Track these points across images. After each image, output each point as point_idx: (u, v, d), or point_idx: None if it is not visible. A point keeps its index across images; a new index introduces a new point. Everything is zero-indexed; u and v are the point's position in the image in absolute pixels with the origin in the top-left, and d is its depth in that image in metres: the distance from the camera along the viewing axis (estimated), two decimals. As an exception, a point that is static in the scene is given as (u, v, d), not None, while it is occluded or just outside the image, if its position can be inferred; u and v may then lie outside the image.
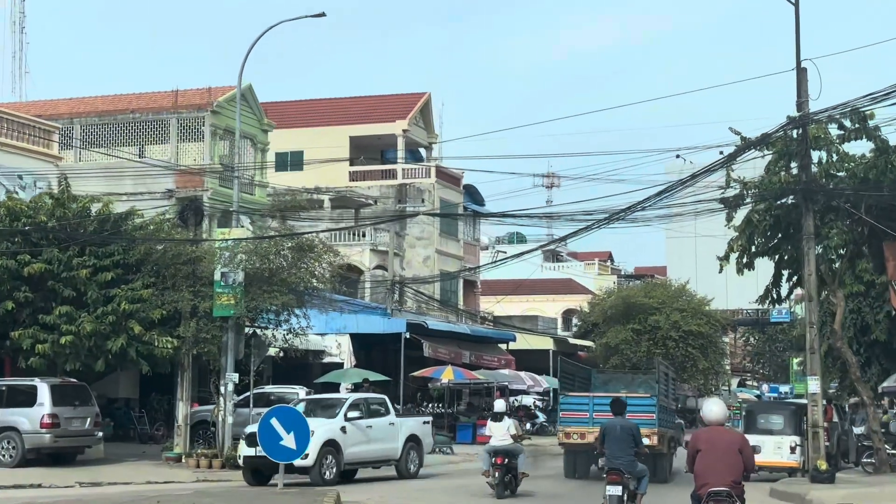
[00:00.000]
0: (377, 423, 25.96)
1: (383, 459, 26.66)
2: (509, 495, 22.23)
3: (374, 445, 25.72)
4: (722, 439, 11.85)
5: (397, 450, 26.51)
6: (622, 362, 57.30)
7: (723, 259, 30.45)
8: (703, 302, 59.90)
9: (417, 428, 27.62)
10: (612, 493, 16.30)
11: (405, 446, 26.72)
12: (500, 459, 22.03)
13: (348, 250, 55.23)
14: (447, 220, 62.14)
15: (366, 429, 25.30)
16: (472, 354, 48.33)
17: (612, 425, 16.99)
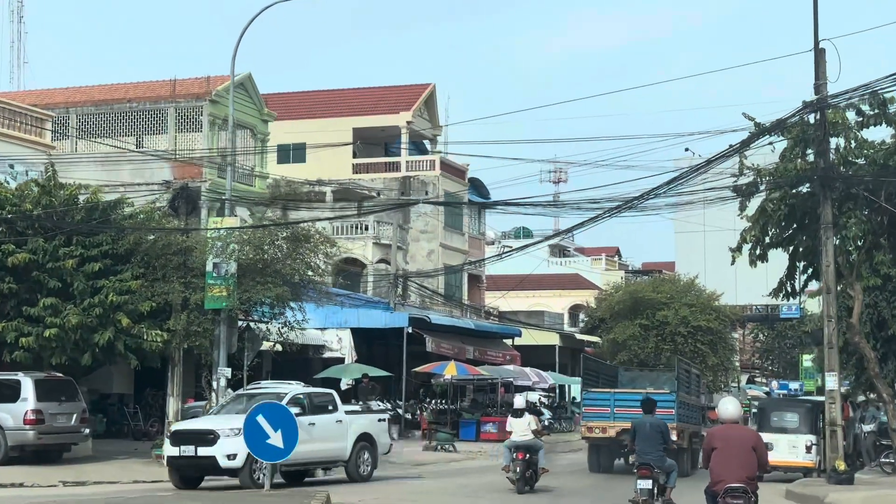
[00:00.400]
0: (322, 420, 23.34)
1: (328, 460, 24.29)
2: (528, 490, 22.38)
3: (318, 445, 23.03)
4: (736, 437, 12.03)
5: (346, 450, 23.98)
6: (630, 358, 55.99)
7: (735, 250, 29.18)
8: (713, 297, 58.58)
9: (370, 426, 25.10)
10: (643, 486, 17.29)
11: (355, 446, 24.20)
12: (521, 455, 22.29)
13: (350, 244, 54.16)
14: (451, 214, 60.95)
15: (308, 427, 22.18)
16: (475, 350, 47.12)
17: (643, 423, 17.89)
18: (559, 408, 50.70)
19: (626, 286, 58.59)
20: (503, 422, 41.86)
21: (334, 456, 23.99)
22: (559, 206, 28.33)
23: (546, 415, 47.56)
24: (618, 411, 27.37)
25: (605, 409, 27.94)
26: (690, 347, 55.31)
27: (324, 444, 23.24)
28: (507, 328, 52.47)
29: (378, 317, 43.63)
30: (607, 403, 28.08)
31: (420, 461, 32.33)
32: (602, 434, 27.61)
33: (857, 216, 26.34)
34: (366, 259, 53.74)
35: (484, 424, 41.03)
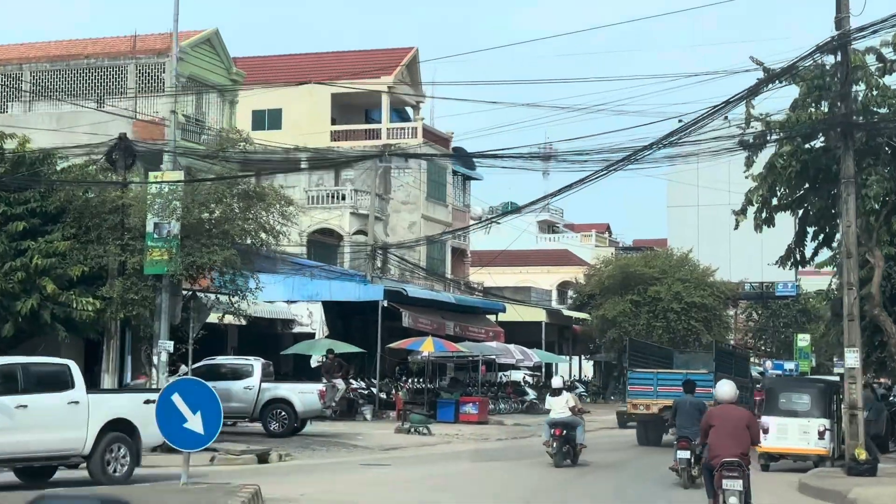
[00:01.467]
0: (41, 401, 17.26)
1: (53, 455, 17.79)
2: (569, 464, 23.29)
3: (31, 435, 17.04)
4: (732, 416, 13.20)
5: (82, 441, 17.63)
6: (619, 336, 52.84)
7: (739, 213, 26.00)
8: (707, 272, 55.43)
9: (129, 410, 18.30)
10: (682, 456, 19.50)
11: (102, 437, 17.77)
12: (559, 431, 23.20)
13: (326, 213, 50.95)
14: (435, 185, 57.67)
15: (14, 410, 16.88)
16: (456, 325, 43.90)
17: (683, 401, 20.46)
18: (544, 387, 47.46)
19: (616, 260, 55.35)
20: (484, 402, 38.77)
21: (63, 449, 17.67)
22: (546, 158, 25.00)
23: (530, 395, 44.40)
24: (661, 390, 29.15)
25: (649, 388, 29.58)
26: (683, 325, 52.26)
27: (43, 432, 17.18)
28: (491, 303, 49.24)
29: (351, 290, 40.39)
30: (651, 382, 29.76)
31: (390, 445, 29.15)
32: (646, 411, 29.47)
33: (878, 173, 23.16)
34: (342, 230, 50.45)
35: (463, 405, 37.86)
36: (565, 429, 23.22)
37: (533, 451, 29.07)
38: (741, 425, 13.09)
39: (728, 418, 13.13)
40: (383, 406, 39.30)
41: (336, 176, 54.26)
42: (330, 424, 32.96)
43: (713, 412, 13.58)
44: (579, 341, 58.16)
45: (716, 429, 13.11)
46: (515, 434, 35.31)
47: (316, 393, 28.97)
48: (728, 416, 13.18)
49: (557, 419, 23.43)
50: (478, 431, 34.77)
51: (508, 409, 42.11)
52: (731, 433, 12.98)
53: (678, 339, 53.26)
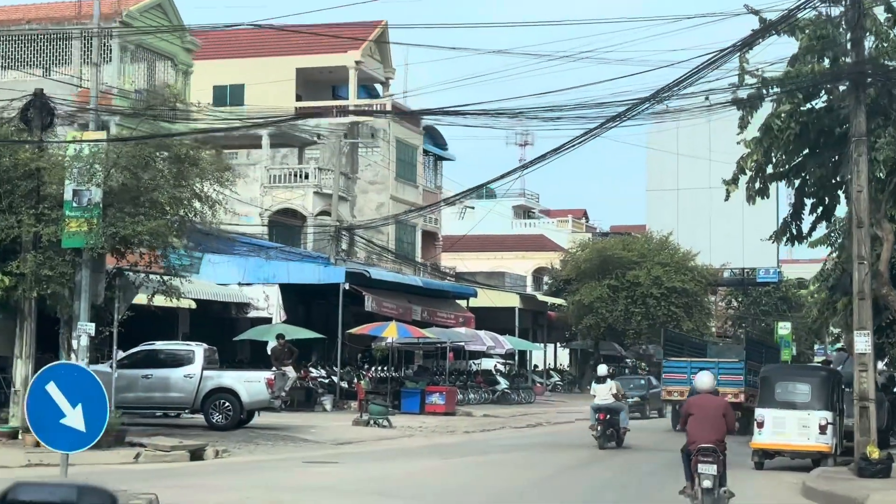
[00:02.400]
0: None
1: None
2: (614, 446, 24.71)
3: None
4: (710, 405, 13.85)
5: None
6: (597, 322, 50.15)
7: (730, 183, 23.25)
8: (688, 256, 52.76)
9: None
10: None
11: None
12: (603, 416, 24.55)
13: (289, 193, 48.05)
14: (405, 165, 54.81)
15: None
16: (424, 310, 41.08)
17: None
18: (517, 376, 44.81)
19: (593, 244, 52.61)
20: (451, 392, 35.96)
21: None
22: (515, 115, 22.08)
23: (502, 384, 41.62)
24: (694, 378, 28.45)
25: (683, 376, 29.95)
26: (664, 311, 49.61)
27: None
28: (461, 287, 46.42)
29: (311, 272, 37.51)
30: (685, 370, 30.20)
31: (344, 439, 26.34)
32: (680, 397, 29.15)
33: (888, 135, 20.42)
34: (306, 210, 47.50)
35: (429, 395, 35.08)
36: (609, 413, 24.70)
37: (502, 444, 26.38)
38: (718, 414, 13.66)
39: (705, 407, 13.71)
40: (345, 396, 36.56)
41: (300, 154, 51.33)
42: (284, 416, 30.21)
43: (692, 401, 14.28)
44: (554, 328, 55.45)
45: (694, 417, 13.69)
46: (484, 426, 32.54)
47: (263, 381, 26.08)
48: (705, 405, 13.76)
49: (602, 404, 24.79)
50: (443, 423, 31.99)
51: (478, 400, 39.35)
52: (709, 421, 13.53)
53: (658, 325, 50.57)
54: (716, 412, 13.68)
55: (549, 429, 33.86)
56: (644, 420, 38.09)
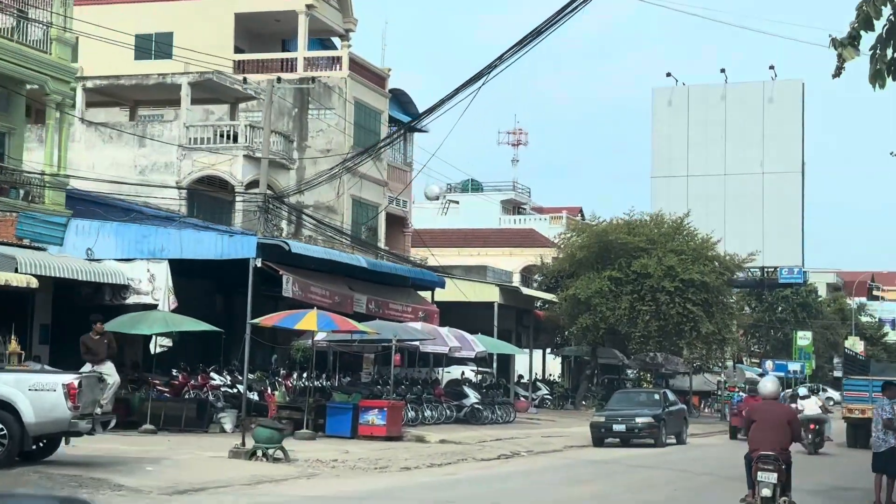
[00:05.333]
0: None
1: None
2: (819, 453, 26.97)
3: None
4: (774, 412, 13.18)
5: None
6: (595, 322, 39.72)
7: (846, 46, 12.72)
8: (708, 243, 42.35)
9: None
10: None
11: None
12: (813, 426, 27.28)
13: (213, 157, 37.70)
14: (365, 132, 44.40)
15: None
16: (371, 300, 30.76)
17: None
18: (493, 387, 34.35)
19: (591, 227, 42.09)
20: (395, 408, 25.64)
21: None
22: None
23: (471, 398, 31.12)
24: (876, 395, 29.55)
25: (864, 394, 29.90)
26: (678, 309, 39.21)
27: None
28: (422, 273, 35.91)
29: (210, 243, 27.18)
30: (866, 389, 30.17)
31: (197, 484, 16.00)
32: (861, 416, 29.07)
33: None
34: (233, 178, 37.17)
35: (364, 412, 24.77)
36: (817, 423, 27.46)
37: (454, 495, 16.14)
38: (782, 421, 13.04)
39: (769, 414, 13.11)
40: (256, 411, 26.30)
41: (232, 111, 41.01)
42: (125, 440, 20.09)
43: (755, 408, 13.73)
44: (543, 330, 44.99)
45: (757, 424, 13.09)
46: (435, 458, 22.14)
47: (61, 390, 15.72)
48: (769, 412, 13.17)
49: (812, 416, 27.53)
50: (377, 454, 21.66)
51: (438, 418, 28.96)
52: (772, 428, 12.91)
53: (670, 327, 40.16)
54: (780, 420, 13.01)
55: (530, 462, 23.59)
56: (658, 448, 27.76)
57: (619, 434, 28.03)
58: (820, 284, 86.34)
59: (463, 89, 20.42)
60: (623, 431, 27.85)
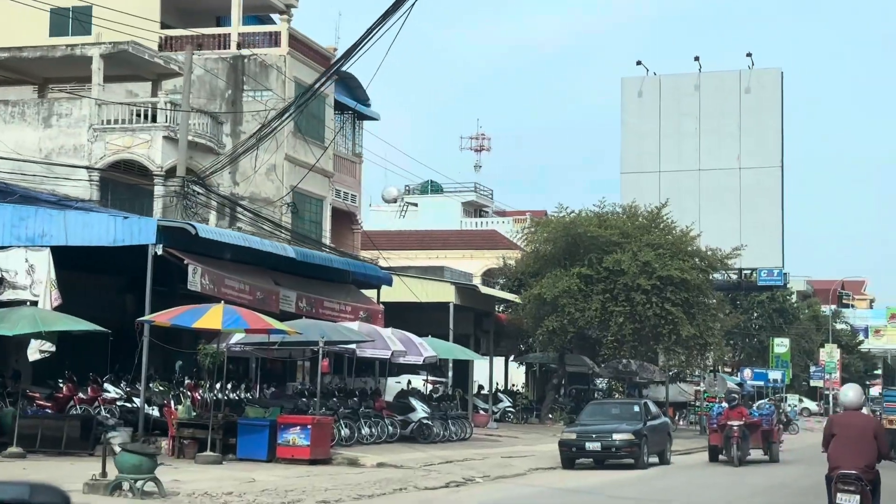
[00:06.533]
0: None
1: None
2: None
3: None
4: (856, 424, 11.24)
5: None
6: (562, 326, 35.08)
7: None
8: (687, 237, 37.82)
9: None
10: None
11: None
12: None
13: (129, 139, 32.87)
14: (309, 118, 39.62)
15: None
16: (302, 297, 26.03)
17: None
18: (446, 399, 29.53)
19: (558, 218, 37.39)
20: (322, 426, 20.81)
21: None
22: None
23: (419, 411, 26.30)
24: None
25: None
26: (655, 310, 34.62)
27: None
28: (366, 268, 31.04)
29: (100, 228, 22.40)
30: None
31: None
32: None
33: None
34: (152, 163, 32.33)
35: (284, 430, 19.99)
36: None
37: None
38: (867, 435, 10.95)
39: (851, 427, 11.03)
40: (156, 428, 21.60)
41: (154, 89, 36.15)
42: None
43: (835, 419, 11.76)
44: (506, 335, 40.26)
45: (837, 438, 11.03)
46: (366, 487, 17.37)
47: None
48: (852, 424, 11.08)
49: None
50: (290, 483, 16.93)
51: (379, 436, 24.14)
52: (854, 443, 10.91)
53: (647, 330, 35.59)
54: (863, 433, 10.92)
55: (486, 491, 18.92)
56: (640, 470, 23.13)
57: (594, 454, 23.42)
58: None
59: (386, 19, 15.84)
60: (598, 451, 23.22)
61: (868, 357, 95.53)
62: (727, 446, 25.49)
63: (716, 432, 26.45)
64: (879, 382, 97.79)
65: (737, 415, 25.84)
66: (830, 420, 11.80)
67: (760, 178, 54.37)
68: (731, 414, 25.86)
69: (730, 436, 25.27)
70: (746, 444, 25.64)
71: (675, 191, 53.98)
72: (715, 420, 27.04)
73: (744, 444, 25.42)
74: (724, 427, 25.54)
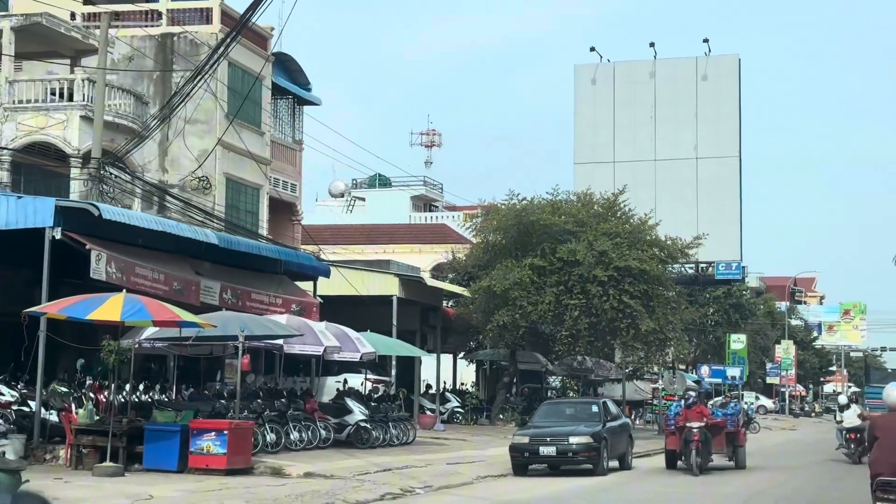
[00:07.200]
0: None
1: None
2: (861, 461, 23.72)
3: None
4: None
5: None
6: (513, 320, 32.73)
7: None
8: (647, 225, 35.59)
9: None
10: None
11: None
12: (854, 435, 26.78)
13: (44, 119, 30.11)
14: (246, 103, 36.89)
15: None
16: (227, 288, 23.46)
17: None
18: (387, 399, 27.00)
19: (509, 206, 34.95)
20: (240, 431, 18.22)
21: None
22: None
23: (356, 413, 23.74)
24: None
25: None
26: (612, 303, 32.31)
27: None
28: (300, 257, 28.36)
29: (-8, 207, 19.65)
30: None
31: None
32: None
33: None
34: (68, 145, 29.58)
35: (197, 436, 17.43)
36: (857, 433, 26.27)
37: None
38: None
39: (893, 429, 9.96)
40: (56, 434, 19.00)
41: (73, 65, 33.35)
42: None
43: (877, 421, 10.59)
44: (454, 331, 37.84)
45: (879, 442, 10.06)
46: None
47: None
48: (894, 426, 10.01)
49: (851, 426, 27.13)
50: (197, 499, 14.35)
51: (310, 442, 21.58)
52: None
53: (603, 325, 33.30)
54: None
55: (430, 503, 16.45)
56: (599, 477, 20.79)
57: (548, 459, 21.05)
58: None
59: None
60: (553, 456, 20.84)
61: (823, 353, 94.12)
62: (686, 452, 21.94)
63: (674, 435, 22.81)
64: (838, 378, 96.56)
65: (696, 415, 22.16)
66: (873, 422, 10.76)
67: (718, 168, 52.26)
68: (689, 414, 22.31)
69: (689, 440, 21.73)
70: (708, 449, 22.17)
71: (630, 182, 51.61)
72: (672, 421, 23.20)
73: (705, 448, 21.94)
74: (683, 429, 22.07)
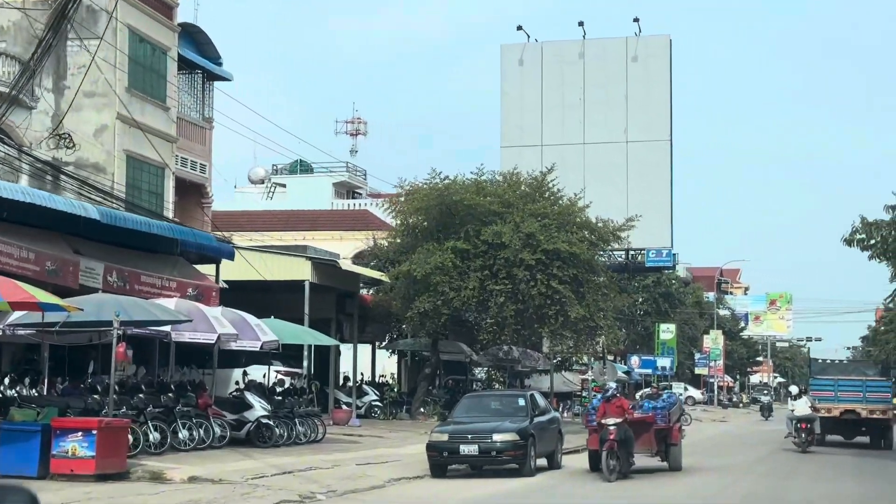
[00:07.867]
0: None
1: None
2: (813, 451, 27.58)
3: None
4: None
5: None
6: (435, 307, 30.45)
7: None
8: (576, 206, 33.49)
9: None
10: None
11: None
12: (804, 425, 28.30)
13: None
14: (147, 73, 34.22)
15: None
16: (112, 270, 20.87)
17: None
18: (294, 393, 24.54)
19: (431, 185, 32.57)
20: (115, 431, 15.66)
21: None
22: None
23: (256, 409, 21.27)
24: (841, 395, 31.03)
25: (830, 393, 30.91)
26: (540, 288, 30.15)
27: None
28: (197, 236, 25.70)
29: None
30: (832, 388, 31.22)
31: None
32: (827, 414, 30.27)
33: None
34: (-56, 115, 26.64)
35: (61, 437, 14.90)
36: (808, 422, 28.31)
37: None
38: None
39: None
40: None
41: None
42: None
43: None
44: (373, 319, 35.47)
45: None
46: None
47: None
48: None
49: (801, 416, 28.56)
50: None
51: (202, 441, 19.10)
52: None
53: (531, 311, 31.14)
54: None
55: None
56: (527, 478, 18.55)
57: (470, 459, 18.77)
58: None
59: None
60: (475, 455, 18.56)
61: (750, 343, 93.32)
62: (598, 455, 18.86)
63: (596, 433, 19.36)
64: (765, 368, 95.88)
65: (615, 409, 18.93)
66: None
67: (648, 152, 50.52)
68: (608, 409, 18.97)
69: (604, 439, 18.50)
70: (628, 451, 18.88)
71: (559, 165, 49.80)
72: (592, 416, 19.84)
73: (623, 449, 18.63)
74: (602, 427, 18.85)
